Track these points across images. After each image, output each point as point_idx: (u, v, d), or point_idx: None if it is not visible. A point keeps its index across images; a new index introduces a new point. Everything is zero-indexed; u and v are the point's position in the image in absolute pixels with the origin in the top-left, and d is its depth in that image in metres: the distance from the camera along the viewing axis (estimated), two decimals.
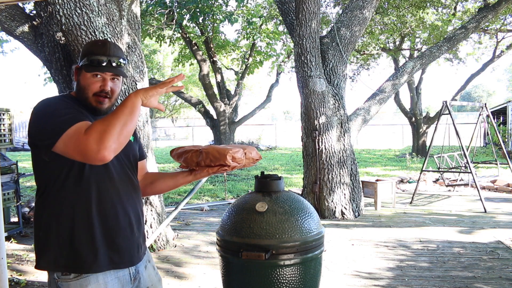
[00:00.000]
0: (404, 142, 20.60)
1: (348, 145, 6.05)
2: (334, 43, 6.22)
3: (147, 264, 1.73)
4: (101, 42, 1.58)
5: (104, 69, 1.53)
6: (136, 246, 1.63)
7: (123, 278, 1.57)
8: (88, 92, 1.55)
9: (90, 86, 1.55)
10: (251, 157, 1.67)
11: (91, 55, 1.53)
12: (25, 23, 4.60)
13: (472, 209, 6.33)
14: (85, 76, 1.55)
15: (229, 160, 1.58)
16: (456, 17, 12.59)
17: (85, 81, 1.55)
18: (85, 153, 1.33)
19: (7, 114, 5.32)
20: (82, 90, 1.56)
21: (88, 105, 1.56)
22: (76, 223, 1.49)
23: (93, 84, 1.55)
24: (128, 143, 1.67)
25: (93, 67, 1.52)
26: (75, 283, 1.48)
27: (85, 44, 1.61)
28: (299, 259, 1.94)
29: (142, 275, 1.67)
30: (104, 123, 1.34)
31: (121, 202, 1.57)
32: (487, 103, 7.92)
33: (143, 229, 1.72)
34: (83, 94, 1.56)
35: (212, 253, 4.38)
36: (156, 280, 1.76)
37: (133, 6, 4.57)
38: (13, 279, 3.64)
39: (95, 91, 1.55)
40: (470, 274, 3.66)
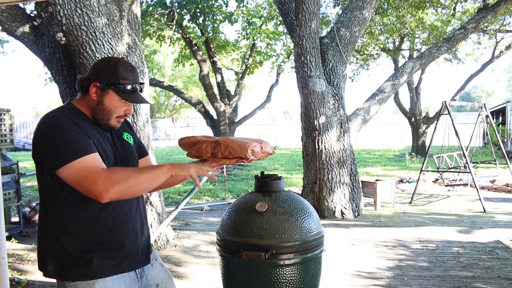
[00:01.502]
0: (404, 142, 20.61)
1: (348, 145, 6.06)
2: (334, 43, 6.23)
3: (154, 262, 1.77)
4: (130, 67, 1.61)
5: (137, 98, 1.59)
6: (143, 248, 1.67)
7: (129, 278, 1.61)
8: (112, 115, 1.59)
9: (117, 110, 1.59)
10: (266, 151, 1.72)
11: (123, 80, 1.57)
12: (26, 23, 4.61)
13: (471, 209, 6.35)
14: (113, 99, 1.58)
15: (249, 154, 1.62)
16: (455, 18, 12.60)
17: (111, 104, 1.58)
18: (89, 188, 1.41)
19: (8, 114, 5.33)
20: (106, 111, 1.58)
21: (104, 124, 1.60)
22: (82, 234, 1.53)
23: (120, 108, 1.60)
24: (128, 147, 1.72)
25: (127, 94, 1.57)
26: (82, 283, 1.53)
27: (112, 64, 1.59)
28: (299, 259, 1.95)
29: (148, 273, 1.72)
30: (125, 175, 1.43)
31: (125, 210, 1.61)
32: (486, 103, 7.94)
33: (148, 230, 1.75)
34: (105, 114, 1.59)
35: (212, 253, 4.39)
36: (166, 276, 1.80)
37: (133, 7, 4.58)
38: (14, 279, 3.65)
39: (120, 115, 1.61)
40: (470, 274, 3.67)
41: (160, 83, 15.16)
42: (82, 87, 1.61)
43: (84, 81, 1.60)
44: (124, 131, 1.75)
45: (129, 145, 1.72)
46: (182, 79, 27.79)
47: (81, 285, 1.52)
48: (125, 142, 1.72)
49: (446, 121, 7.43)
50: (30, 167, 13.00)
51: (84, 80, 1.60)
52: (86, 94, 1.60)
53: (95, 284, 1.52)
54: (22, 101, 56.59)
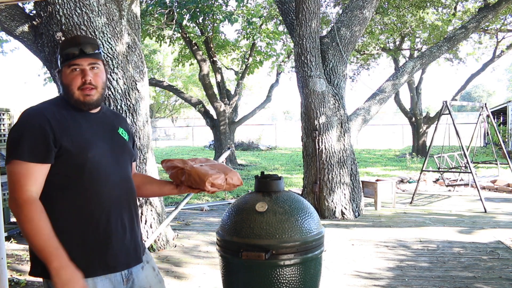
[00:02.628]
0: (404, 142, 20.60)
1: (348, 145, 6.05)
2: (334, 43, 6.22)
3: (145, 265, 1.68)
4: (70, 37, 1.59)
5: (78, 58, 1.50)
6: (131, 248, 1.60)
7: (114, 279, 1.54)
8: (72, 89, 1.52)
9: (73, 82, 1.52)
10: (232, 183, 1.70)
11: (63, 50, 1.52)
12: (25, 23, 4.59)
13: (472, 209, 6.33)
14: (65, 74, 1.52)
15: (207, 187, 1.62)
16: (456, 17, 12.59)
17: (66, 79, 1.52)
18: (12, 193, 1.42)
19: (7, 114, 5.32)
20: (67, 88, 1.53)
21: (77, 102, 1.53)
22: (67, 230, 1.47)
23: (75, 79, 1.52)
24: (123, 142, 1.66)
25: (68, 60, 1.50)
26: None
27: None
28: (299, 259, 1.94)
29: (136, 276, 1.63)
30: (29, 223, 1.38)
31: (113, 206, 1.55)
32: (487, 103, 7.91)
33: (139, 231, 1.68)
34: (68, 92, 1.53)
35: (212, 253, 4.38)
36: (156, 281, 1.71)
37: (133, 6, 4.57)
38: (13, 279, 3.64)
39: (79, 85, 1.52)
40: (470, 274, 3.66)
41: (160, 83, 15.15)
42: None
43: None
44: (120, 126, 1.69)
45: (123, 140, 1.67)
46: (182, 79, 27.80)
47: None
48: (120, 136, 1.66)
49: (446, 121, 7.41)
50: None
51: None
52: None
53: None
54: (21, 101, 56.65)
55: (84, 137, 1.51)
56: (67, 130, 1.47)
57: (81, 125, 1.52)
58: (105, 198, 1.52)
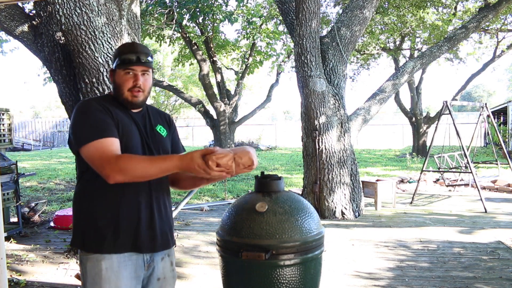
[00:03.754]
0: (404, 142, 20.60)
1: (348, 145, 6.04)
2: (334, 43, 6.21)
3: (165, 257, 1.81)
4: (128, 44, 1.80)
5: (134, 64, 1.70)
6: (158, 235, 1.72)
7: (136, 261, 1.68)
8: (123, 89, 1.72)
9: (124, 83, 1.72)
10: (241, 163, 1.49)
11: (121, 55, 1.72)
12: (25, 22, 4.59)
13: (472, 209, 6.33)
14: (119, 75, 1.73)
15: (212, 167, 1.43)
16: (456, 17, 12.58)
17: (119, 79, 1.73)
18: (99, 169, 1.55)
19: (7, 114, 5.31)
20: (118, 88, 1.73)
21: (125, 101, 1.73)
22: (102, 208, 1.64)
23: (127, 81, 1.72)
24: (160, 138, 1.81)
25: (125, 64, 1.70)
26: (93, 256, 1.63)
27: (116, 49, 1.80)
28: (299, 259, 1.93)
29: (156, 265, 1.76)
30: (134, 163, 1.53)
31: (144, 193, 1.68)
32: (487, 103, 7.91)
33: (167, 221, 1.79)
34: (119, 91, 1.73)
35: (212, 253, 4.37)
36: (170, 276, 1.84)
37: (133, 6, 4.56)
38: (12, 279, 3.64)
39: (129, 87, 1.71)
40: (471, 274, 3.65)
41: (159, 83, 15.14)
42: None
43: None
44: (159, 123, 1.85)
45: (160, 137, 1.81)
46: (181, 78, 27.77)
47: (91, 258, 1.63)
48: (157, 133, 1.81)
49: (447, 121, 7.40)
50: (29, 167, 13.00)
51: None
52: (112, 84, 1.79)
53: (102, 260, 1.61)
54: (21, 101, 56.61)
55: (127, 128, 1.69)
56: (119, 117, 1.68)
57: (124, 118, 1.71)
58: (136, 185, 1.64)
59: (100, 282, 1.61)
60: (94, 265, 1.62)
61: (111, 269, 1.61)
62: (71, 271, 3.86)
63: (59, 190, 8.81)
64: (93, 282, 1.62)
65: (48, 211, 6.63)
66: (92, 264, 1.62)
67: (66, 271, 3.90)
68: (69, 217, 5.48)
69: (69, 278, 3.71)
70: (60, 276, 3.79)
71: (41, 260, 4.22)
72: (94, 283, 1.62)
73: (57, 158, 16.43)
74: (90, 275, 1.63)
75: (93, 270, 1.62)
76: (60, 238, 5.04)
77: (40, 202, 6.44)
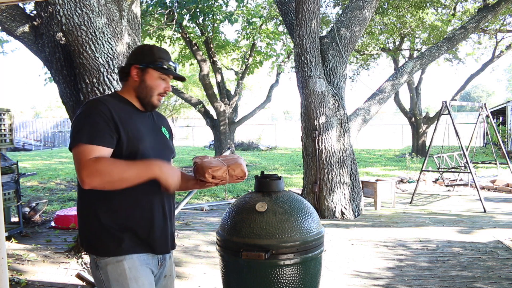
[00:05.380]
0: (404, 142, 20.61)
1: (348, 145, 6.05)
2: (334, 43, 6.23)
3: (171, 255, 1.87)
4: (164, 50, 1.78)
5: (172, 73, 1.74)
6: (169, 236, 1.76)
7: (152, 262, 1.72)
8: (153, 92, 1.73)
9: (157, 87, 1.73)
10: (234, 175, 1.71)
11: (162, 60, 1.72)
12: (26, 23, 4.60)
13: (471, 209, 6.34)
14: (153, 77, 1.72)
15: (208, 178, 1.67)
16: (455, 18, 12.59)
17: (152, 81, 1.72)
18: (77, 173, 1.53)
19: (8, 114, 5.32)
20: (148, 89, 1.72)
21: (149, 103, 1.74)
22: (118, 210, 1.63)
23: (159, 86, 1.73)
24: (165, 139, 1.84)
25: (164, 70, 1.72)
26: (112, 259, 1.62)
27: (148, 47, 1.75)
28: (299, 259, 1.94)
29: (166, 263, 1.81)
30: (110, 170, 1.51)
31: (156, 195, 1.69)
32: (486, 103, 7.93)
33: (174, 222, 1.85)
34: (148, 92, 1.72)
35: (212, 253, 4.38)
36: (173, 273, 1.90)
37: (133, 6, 4.57)
38: (13, 279, 3.65)
39: (160, 92, 1.74)
40: (470, 274, 3.67)
41: None
42: (123, 75, 1.76)
43: (124, 68, 1.74)
44: (163, 125, 1.88)
45: (165, 138, 1.85)
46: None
47: (111, 260, 1.62)
48: (163, 134, 1.85)
49: (446, 121, 7.42)
50: (30, 167, 13.00)
51: (124, 67, 1.74)
52: (127, 80, 1.74)
53: (124, 260, 1.62)
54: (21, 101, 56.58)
55: (138, 130, 1.68)
56: (125, 122, 1.64)
57: (135, 120, 1.71)
58: (149, 187, 1.64)
59: (125, 282, 1.60)
60: (115, 266, 1.61)
61: (134, 268, 1.63)
62: (71, 270, 3.87)
63: (59, 190, 8.82)
64: (118, 283, 1.61)
65: (49, 211, 6.64)
66: (113, 266, 1.61)
67: (67, 270, 3.91)
68: (70, 217, 5.49)
69: (70, 278, 3.72)
70: (60, 276, 3.80)
71: (42, 260, 4.23)
72: (119, 284, 1.61)
73: (57, 158, 16.43)
74: (113, 278, 1.61)
75: (115, 272, 1.61)
76: (60, 238, 5.05)
77: (40, 202, 6.45)
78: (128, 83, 1.75)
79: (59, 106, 34.99)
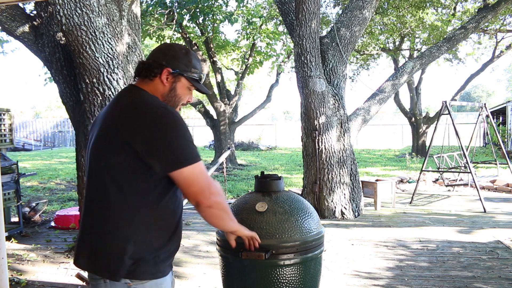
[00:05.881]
0: (404, 142, 20.62)
1: (348, 145, 6.05)
2: (334, 43, 6.23)
3: None
4: (198, 58, 1.67)
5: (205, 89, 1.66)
6: None
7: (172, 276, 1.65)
8: (180, 102, 1.62)
9: (185, 97, 1.63)
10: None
11: (199, 70, 1.63)
12: (26, 23, 4.60)
13: (471, 209, 6.34)
14: (183, 86, 1.61)
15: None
16: (455, 18, 12.59)
17: (182, 91, 1.61)
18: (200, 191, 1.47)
19: (8, 114, 5.32)
20: (176, 97, 1.60)
21: None
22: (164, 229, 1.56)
23: (186, 96, 1.64)
24: None
25: (197, 83, 1.63)
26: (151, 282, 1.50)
27: (185, 52, 1.61)
28: (299, 259, 1.94)
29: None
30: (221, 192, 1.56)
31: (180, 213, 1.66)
32: (486, 103, 7.93)
33: None
34: (176, 101, 1.61)
35: (212, 253, 4.38)
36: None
37: (133, 6, 4.57)
38: (13, 279, 3.65)
39: (184, 102, 1.65)
40: (470, 274, 3.67)
41: None
42: (150, 72, 1.56)
43: (153, 66, 1.56)
44: None
45: None
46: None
47: (149, 284, 1.49)
48: None
49: (446, 121, 7.42)
50: (30, 167, 13.00)
51: (153, 65, 1.56)
52: (152, 79, 1.56)
53: (163, 282, 1.54)
54: (21, 101, 56.59)
55: None
56: None
57: None
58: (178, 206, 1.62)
59: None
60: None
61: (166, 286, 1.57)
62: (71, 270, 3.87)
63: (59, 190, 8.82)
64: None
65: (49, 211, 6.64)
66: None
67: (67, 270, 3.91)
68: (70, 217, 5.49)
69: (70, 278, 3.72)
70: (60, 276, 3.80)
71: (42, 260, 4.23)
72: None
73: (57, 158, 16.44)
74: None
75: None
76: (60, 238, 5.05)
77: (40, 202, 6.45)
78: (154, 84, 1.57)
79: (59, 106, 35.00)
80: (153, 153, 1.41)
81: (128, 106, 1.49)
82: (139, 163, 1.42)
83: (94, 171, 1.52)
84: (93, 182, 1.52)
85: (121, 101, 1.55)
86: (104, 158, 1.47)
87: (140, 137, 1.41)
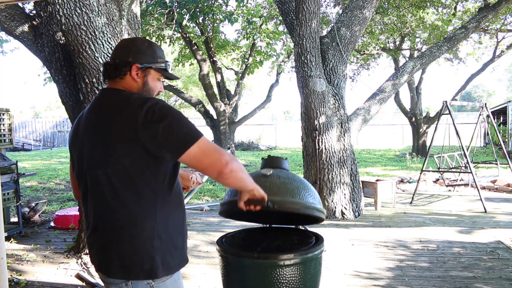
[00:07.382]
0: (404, 142, 20.61)
1: (348, 145, 6.04)
2: (334, 43, 6.22)
3: None
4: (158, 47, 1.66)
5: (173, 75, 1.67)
6: None
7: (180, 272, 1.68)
8: (153, 94, 1.63)
9: (156, 89, 1.64)
10: (197, 182, 1.96)
11: (163, 59, 1.62)
12: (25, 23, 4.59)
13: (472, 209, 6.33)
14: (154, 78, 1.61)
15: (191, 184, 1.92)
16: (456, 17, 12.58)
17: (154, 83, 1.62)
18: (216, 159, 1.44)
19: (7, 114, 5.32)
20: (150, 90, 1.61)
21: None
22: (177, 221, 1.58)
23: (158, 87, 1.64)
24: None
25: (166, 72, 1.64)
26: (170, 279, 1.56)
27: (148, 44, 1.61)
28: (299, 259, 1.94)
29: None
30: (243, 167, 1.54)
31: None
32: (487, 103, 7.91)
33: None
34: (149, 94, 1.60)
35: (212, 253, 4.38)
36: None
37: (133, 6, 4.57)
38: (13, 279, 3.64)
39: (157, 94, 1.65)
40: (470, 274, 3.66)
41: None
42: (119, 72, 1.56)
43: (120, 65, 1.55)
44: None
45: None
46: (182, 79, 27.79)
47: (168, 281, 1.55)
48: None
49: (446, 121, 7.41)
50: (29, 167, 13.00)
51: (120, 64, 1.55)
52: (123, 78, 1.56)
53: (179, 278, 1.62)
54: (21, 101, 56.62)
55: None
56: None
57: None
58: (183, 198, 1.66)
59: None
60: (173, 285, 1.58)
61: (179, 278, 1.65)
62: (71, 271, 3.86)
63: (59, 190, 8.81)
64: None
65: (48, 211, 6.63)
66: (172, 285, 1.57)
67: (66, 271, 3.90)
68: (69, 217, 5.48)
69: (69, 278, 3.71)
70: (60, 276, 3.79)
71: (41, 260, 4.22)
72: None
73: (57, 158, 16.43)
74: None
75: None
76: (60, 238, 5.04)
77: (40, 202, 6.44)
78: (126, 82, 1.57)
79: (59, 106, 35.01)
80: (161, 145, 1.41)
81: (118, 107, 1.47)
82: (148, 159, 1.45)
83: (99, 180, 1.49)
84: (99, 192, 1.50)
85: (105, 105, 1.53)
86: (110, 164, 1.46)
87: (143, 133, 1.41)
